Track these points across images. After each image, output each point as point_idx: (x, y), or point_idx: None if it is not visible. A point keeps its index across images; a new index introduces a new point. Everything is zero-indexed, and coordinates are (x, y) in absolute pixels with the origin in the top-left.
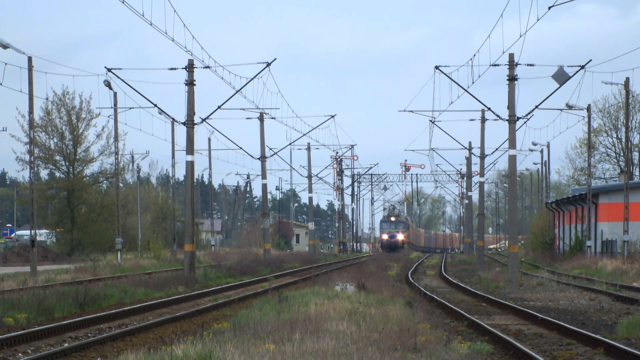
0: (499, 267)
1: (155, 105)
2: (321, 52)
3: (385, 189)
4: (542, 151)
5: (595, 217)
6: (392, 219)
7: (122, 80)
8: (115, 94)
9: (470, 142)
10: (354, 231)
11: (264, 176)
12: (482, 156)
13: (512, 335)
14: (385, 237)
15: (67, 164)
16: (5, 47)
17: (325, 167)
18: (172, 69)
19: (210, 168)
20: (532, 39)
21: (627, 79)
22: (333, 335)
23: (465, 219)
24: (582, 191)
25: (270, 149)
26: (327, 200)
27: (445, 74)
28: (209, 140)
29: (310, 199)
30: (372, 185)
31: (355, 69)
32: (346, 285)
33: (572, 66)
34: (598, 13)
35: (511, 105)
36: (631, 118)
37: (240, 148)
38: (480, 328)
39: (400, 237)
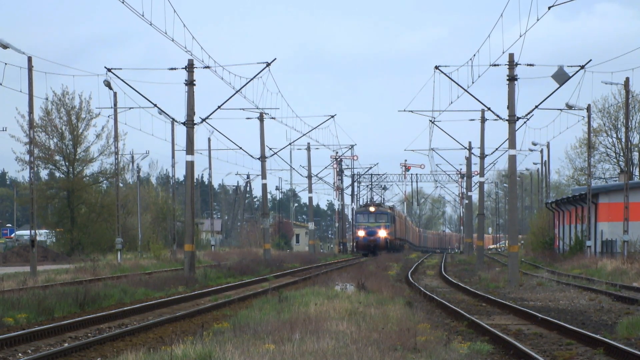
0: (498, 267)
1: (155, 105)
2: (334, 54)
3: (385, 188)
4: (542, 151)
5: (595, 217)
6: (372, 209)
7: (122, 80)
8: (115, 94)
9: (470, 142)
10: (354, 231)
11: (263, 176)
12: (482, 156)
13: (512, 335)
14: (361, 233)
15: (67, 164)
16: (5, 47)
17: (325, 167)
18: (172, 69)
19: (210, 168)
20: (543, 37)
21: (627, 79)
22: (333, 335)
23: (465, 219)
24: (582, 191)
25: (270, 149)
26: (327, 200)
27: (445, 74)
28: (209, 140)
29: (310, 199)
30: (372, 185)
31: (364, 70)
32: (346, 285)
33: (572, 66)
34: (618, 13)
35: (511, 105)
36: (631, 118)
37: (240, 148)
38: (480, 328)
39: (382, 233)
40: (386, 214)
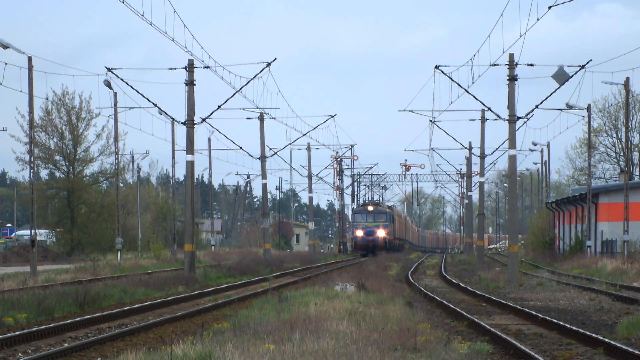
0: (499, 267)
1: (155, 105)
2: (335, 54)
3: (385, 188)
4: (542, 151)
5: (595, 217)
6: (370, 208)
7: (122, 80)
8: (115, 93)
9: (470, 142)
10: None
11: (264, 176)
12: (482, 156)
13: (512, 335)
14: (359, 233)
15: (67, 163)
16: (5, 47)
17: (325, 167)
18: (172, 68)
19: (210, 168)
20: (544, 37)
21: (627, 79)
22: (333, 335)
23: (465, 219)
24: (582, 191)
25: (270, 148)
26: (327, 200)
27: (445, 74)
28: (209, 140)
29: (310, 199)
30: (372, 185)
31: (364, 70)
32: (346, 285)
33: (572, 66)
34: (619, 13)
35: (511, 105)
36: (631, 118)
37: (240, 148)
38: (480, 328)
39: (381, 233)
40: (385, 214)
